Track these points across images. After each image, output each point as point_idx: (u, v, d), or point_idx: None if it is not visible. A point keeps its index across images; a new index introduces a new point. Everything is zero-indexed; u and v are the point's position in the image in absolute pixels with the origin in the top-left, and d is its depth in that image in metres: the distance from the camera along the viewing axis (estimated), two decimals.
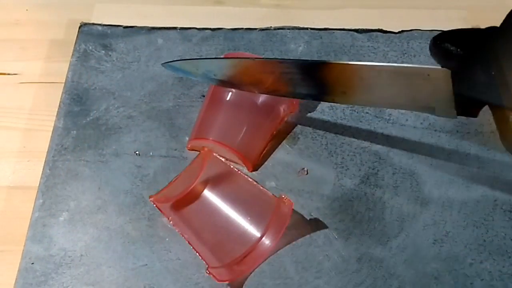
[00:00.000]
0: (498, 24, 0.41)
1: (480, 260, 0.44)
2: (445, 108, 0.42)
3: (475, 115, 0.43)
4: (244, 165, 0.48)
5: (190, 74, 0.49)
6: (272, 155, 0.49)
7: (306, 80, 0.45)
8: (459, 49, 0.40)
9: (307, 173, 0.48)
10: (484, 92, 0.40)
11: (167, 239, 0.45)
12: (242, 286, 0.43)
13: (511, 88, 0.38)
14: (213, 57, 0.53)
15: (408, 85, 0.43)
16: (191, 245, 0.44)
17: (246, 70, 0.47)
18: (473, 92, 0.41)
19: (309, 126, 0.50)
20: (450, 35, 0.41)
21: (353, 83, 0.44)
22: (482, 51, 0.39)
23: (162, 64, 0.50)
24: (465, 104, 0.42)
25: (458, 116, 0.43)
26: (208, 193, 0.46)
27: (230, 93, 0.48)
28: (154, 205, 0.46)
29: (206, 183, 0.46)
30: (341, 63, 0.45)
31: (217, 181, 0.47)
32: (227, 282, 0.43)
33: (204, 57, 0.54)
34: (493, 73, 0.38)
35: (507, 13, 0.42)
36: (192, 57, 0.54)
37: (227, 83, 0.48)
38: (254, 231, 0.44)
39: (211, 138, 0.47)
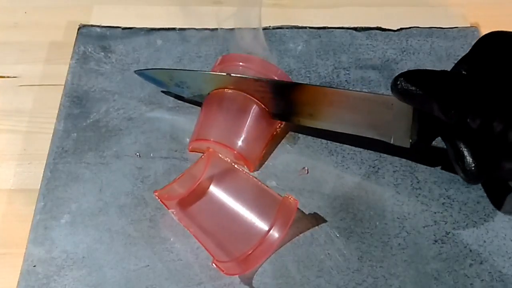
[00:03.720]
0: (496, 22, 0.42)
1: (480, 260, 0.44)
2: (402, 137, 0.45)
3: (427, 145, 0.46)
4: (245, 165, 0.48)
5: (162, 84, 0.52)
6: (272, 155, 0.49)
7: (276, 100, 0.48)
8: (419, 90, 0.42)
9: (307, 172, 0.48)
10: (440, 129, 0.44)
11: (168, 240, 0.45)
12: (243, 286, 0.43)
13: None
14: (187, 69, 0.53)
15: (372, 112, 0.46)
16: (197, 239, 0.44)
17: (220, 85, 0.48)
18: (429, 127, 0.44)
19: (309, 125, 0.50)
20: (411, 74, 0.43)
21: (322, 107, 0.47)
22: (441, 94, 0.42)
23: (135, 71, 0.52)
24: (420, 135, 0.45)
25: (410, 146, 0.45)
26: (213, 190, 0.46)
27: (230, 94, 0.48)
28: (159, 201, 0.46)
29: (211, 180, 0.46)
30: (312, 86, 0.49)
31: (221, 179, 0.47)
32: (234, 276, 0.43)
33: (177, 68, 0.54)
34: (452, 112, 0.41)
35: (504, 10, 0.43)
36: (168, 67, 0.54)
37: (198, 97, 0.50)
38: (260, 225, 0.44)
39: (212, 139, 0.47)
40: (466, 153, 0.42)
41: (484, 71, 0.43)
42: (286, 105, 0.48)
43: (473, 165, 0.42)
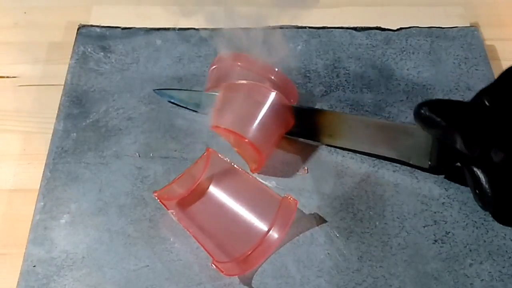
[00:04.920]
0: (496, 22, 0.42)
1: (480, 260, 0.44)
2: (421, 160, 0.47)
3: (446, 168, 0.47)
4: (254, 164, 0.48)
5: (181, 101, 0.52)
6: (272, 155, 0.49)
7: (296, 122, 0.49)
8: (442, 120, 0.43)
9: (307, 172, 0.48)
10: (460, 156, 0.44)
11: (168, 240, 0.45)
12: (243, 286, 0.43)
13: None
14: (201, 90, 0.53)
15: (392, 138, 0.47)
16: (196, 240, 0.44)
17: None
18: (448, 153, 0.45)
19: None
20: (436, 104, 0.44)
21: (341, 130, 0.48)
22: (465, 127, 0.43)
23: (154, 90, 0.53)
24: (439, 160, 0.46)
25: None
26: (213, 190, 0.46)
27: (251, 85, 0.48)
28: (158, 201, 0.46)
29: (211, 180, 0.47)
30: (333, 112, 0.50)
31: (221, 179, 0.47)
32: (233, 277, 0.43)
33: (196, 90, 0.53)
34: (475, 146, 0.42)
35: (504, 10, 0.43)
36: (186, 88, 0.54)
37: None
38: (260, 225, 0.44)
39: (223, 127, 0.46)
40: (484, 182, 0.43)
41: (508, 104, 0.43)
42: (306, 126, 0.49)
43: (491, 194, 0.42)
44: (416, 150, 0.46)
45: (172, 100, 0.52)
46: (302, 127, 0.49)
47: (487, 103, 0.43)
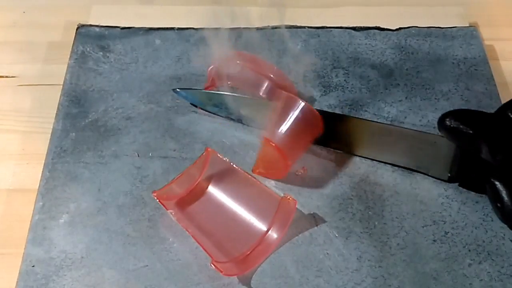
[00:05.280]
0: (495, 22, 0.42)
1: (479, 260, 0.44)
2: (440, 172, 0.47)
3: (465, 180, 0.47)
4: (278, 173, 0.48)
5: (199, 103, 0.52)
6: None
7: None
8: (468, 129, 0.43)
9: (306, 172, 0.48)
10: (480, 168, 0.44)
11: (167, 240, 0.45)
12: (242, 286, 0.43)
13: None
14: (228, 92, 0.51)
15: (413, 147, 0.47)
16: (195, 240, 0.44)
17: (259, 109, 0.49)
18: (469, 165, 0.45)
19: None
20: (460, 113, 0.44)
21: (363, 138, 0.48)
22: (490, 135, 0.43)
23: (173, 90, 0.52)
24: (459, 171, 0.46)
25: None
26: (212, 190, 0.46)
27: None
28: (157, 201, 0.46)
29: (210, 180, 0.47)
30: (354, 118, 0.50)
31: (220, 179, 0.47)
32: (232, 277, 0.43)
33: (219, 91, 0.52)
34: (499, 155, 0.42)
35: (503, 10, 0.43)
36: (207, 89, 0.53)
37: (235, 116, 0.51)
38: (259, 225, 0.44)
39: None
40: (505, 195, 0.42)
41: None
42: (326, 133, 0.48)
43: (511, 207, 0.42)
44: (436, 161, 0.46)
45: (191, 101, 0.52)
46: (326, 134, 0.48)
47: (511, 115, 0.44)
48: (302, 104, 0.46)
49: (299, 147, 0.47)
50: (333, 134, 0.48)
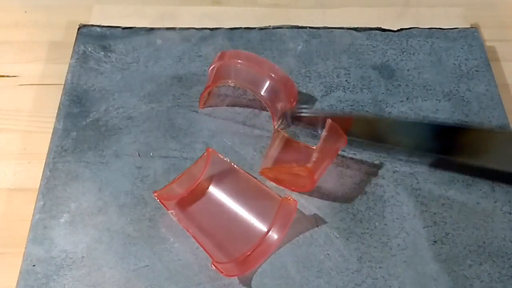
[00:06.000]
0: (496, 23, 0.42)
1: (479, 261, 0.44)
2: None
3: None
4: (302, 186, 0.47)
5: None
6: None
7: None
8: None
9: None
10: None
11: (168, 240, 0.45)
12: (243, 286, 0.43)
13: None
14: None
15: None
16: (196, 240, 0.44)
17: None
18: None
19: (308, 125, 0.50)
20: None
21: (478, 145, 0.47)
22: None
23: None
24: None
25: None
26: (212, 190, 0.46)
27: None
28: (158, 201, 0.46)
29: (211, 180, 0.47)
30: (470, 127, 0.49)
31: (221, 179, 0.47)
32: (233, 277, 0.43)
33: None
34: None
35: (504, 11, 0.42)
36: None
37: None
38: (260, 225, 0.44)
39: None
40: None
41: None
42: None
43: None
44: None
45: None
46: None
47: None
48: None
49: (326, 166, 0.47)
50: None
